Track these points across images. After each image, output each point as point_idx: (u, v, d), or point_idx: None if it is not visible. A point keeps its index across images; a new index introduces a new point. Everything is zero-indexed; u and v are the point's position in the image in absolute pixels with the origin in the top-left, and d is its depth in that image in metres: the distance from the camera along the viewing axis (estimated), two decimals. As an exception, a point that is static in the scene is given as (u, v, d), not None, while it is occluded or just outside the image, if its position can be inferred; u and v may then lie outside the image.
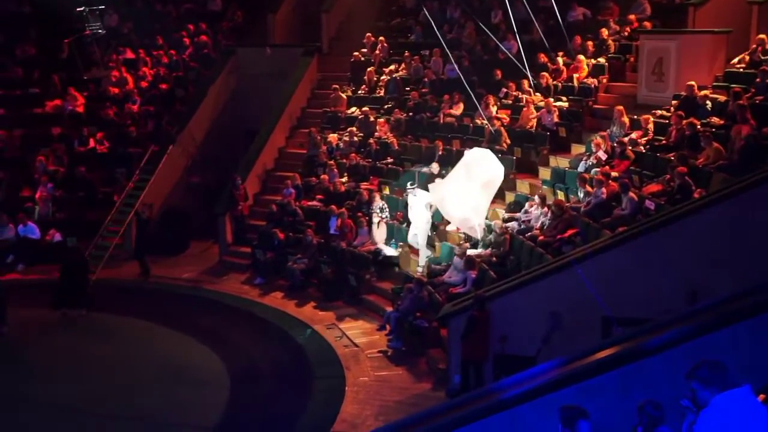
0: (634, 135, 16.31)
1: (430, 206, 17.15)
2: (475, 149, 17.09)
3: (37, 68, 25.12)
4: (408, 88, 22.29)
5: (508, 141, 18.42)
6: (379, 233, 17.93)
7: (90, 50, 25.51)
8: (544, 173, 17.73)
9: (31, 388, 13.83)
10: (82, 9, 23.79)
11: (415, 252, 17.35)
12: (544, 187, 16.97)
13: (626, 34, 19.81)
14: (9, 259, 20.18)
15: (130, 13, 27.04)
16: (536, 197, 15.96)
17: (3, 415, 12.92)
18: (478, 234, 15.93)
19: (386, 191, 19.43)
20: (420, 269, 16.84)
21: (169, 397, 13.54)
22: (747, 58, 16.47)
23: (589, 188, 14.96)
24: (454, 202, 16.07)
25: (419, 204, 17.20)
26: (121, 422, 12.64)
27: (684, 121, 14.99)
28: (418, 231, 17.12)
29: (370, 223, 18.11)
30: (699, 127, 14.78)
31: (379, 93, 22.96)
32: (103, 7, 24.62)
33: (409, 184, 18.36)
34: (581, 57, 19.51)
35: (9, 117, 23.88)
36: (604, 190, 14.40)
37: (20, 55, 25.54)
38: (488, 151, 16.82)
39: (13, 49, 25.60)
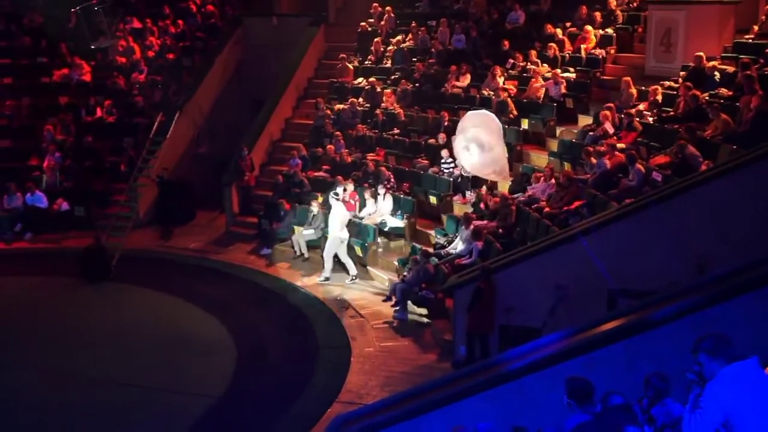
0: (641, 106, 16.23)
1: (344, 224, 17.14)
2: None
3: (44, 37, 25.02)
4: (415, 59, 22.17)
5: (515, 112, 18.37)
6: (385, 205, 17.91)
7: (97, 19, 25.43)
8: (551, 144, 17.68)
9: (38, 356, 13.96)
10: None
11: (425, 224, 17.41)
12: (551, 158, 16.93)
13: (635, 5, 19.66)
14: (17, 227, 20.34)
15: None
16: (543, 168, 15.91)
17: (11, 384, 13.06)
18: (507, 173, 15.91)
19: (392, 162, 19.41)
20: (319, 280, 17.04)
21: (176, 366, 13.62)
22: (756, 28, 16.36)
23: (593, 160, 14.92)
24: (476, 158, 16.10)
25: (337, 214, 17.13)
26: (129, 390, 12.74)
27: (689, 93, 14.90)
28: (329, 241, 17.14)
29: (375, 195, 18.07)
30: (703, 99, 14.71)
31: (385, 63, 22.86)
32: None
33: (332, 193, 18.00)
34: (588, 27, 19.39)
35: (17, 86, 23.86)
36: (607, 160, 14.35)
37: (28, 24, 25.43)
38: (472, 112, 16.86)
39: (20, 18, 25.50)
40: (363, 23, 24.08)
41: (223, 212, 21.30)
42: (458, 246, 15.43)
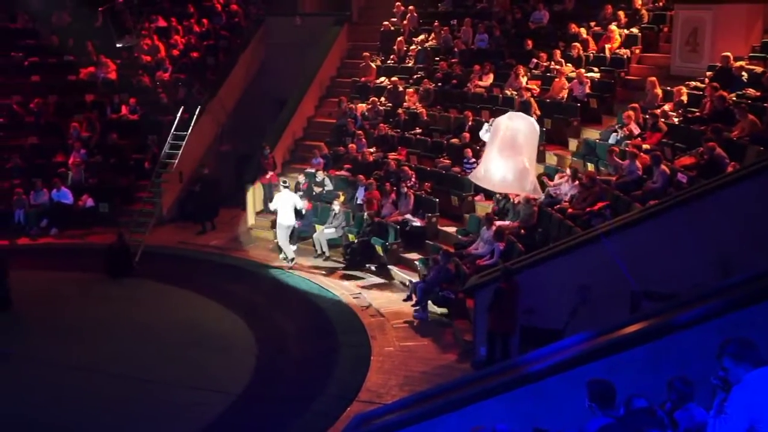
0: (666, 107, 16.09)
1: (295, 208, 18.14)
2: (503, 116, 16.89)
3: (72, 36, 25.22)
4: (438, 58, 22.12)
5: (538, 112, 18.25)
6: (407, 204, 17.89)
7: (123, 18, 25.60)
8: (575, 145, 17.57)
9: (60, 350, 14.03)
10: None
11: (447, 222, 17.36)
12: (574, 159, 16.82)
13: (660, 4, 19.50)
14: (43, 223, 20.58)
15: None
16: (567, 169, 15.79)
17: (33, 377, 13.14)
18: (536, 190, 15.13)
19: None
20: (284, 260, 18.07)
21: (196, 362, 13.65)
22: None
23: (618, 160, 14.79)
24: (498, 170, 15.76)
25: (285, 202, 18.03)
26: (149, 386, 12.76)
27: (715, 94, 14.75)
28: (279, 228, 18.09)
29: (398, 193, 18.07)
30: (730, 100, 14.55)
31: (408, 63, 22.82)
32: None
33: (281, 180, 18.90)
34: (613, 27, 19.25)
35: (44, 84, 24.05)
36: (639, 164, 14.21)
37: (56, 23, 25.65)
38: (514, 113, 16.65)
39: (49, 16, 25.71)
40: (386, 23, 24.05)
41: (245, 210, 21.34)
42: (480, 246, 15.36)
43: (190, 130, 21.83)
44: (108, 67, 24.33)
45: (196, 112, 22.29)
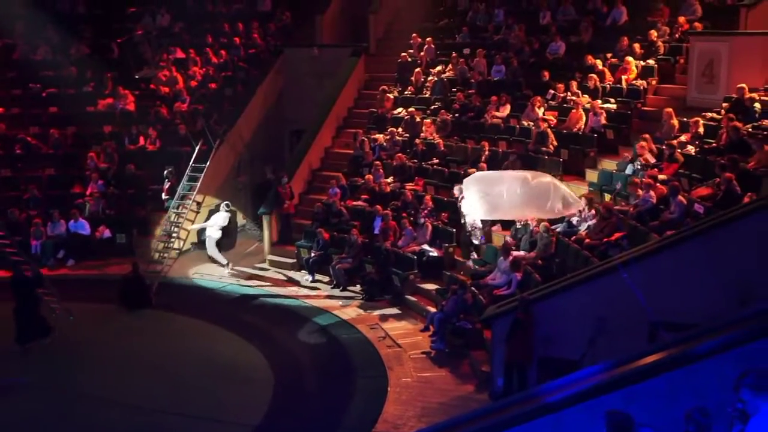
0: (683, 138, 16.10)
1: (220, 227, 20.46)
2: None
3: (90, 67, 25.51)
4: (455, 89, 22.24)
5: (555, 143, 18.30)
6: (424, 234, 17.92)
7: (141, 50, 25.93)
8: (591, 176, 17.58)
9: (76, 381, 14.07)
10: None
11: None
12: (591, 189, 16.82)
13: (676, 36, 19.58)
14: (60, 254, 20.62)
15: (181, 13, 27.36)
16: (582, 200, 15.79)
17: (53, 409, 13.17)
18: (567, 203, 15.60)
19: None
20: (227, 272, 19.98)
21: (213, 394, 13.65)
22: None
23: (640, 192, 14.79)
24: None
25: (217, 221, 20.43)
26: (166, 417, 12.78)
27: (730, 124, 14.77)
28: (209, 240, 20.39)
29: (415, 223, 18.11)
30: (745, 131, 14.55)
31: (425, 94, 22.96)
32: None
33: (225, 203, 20.79)
34: (629, 59, 19.32)
35: (62, 115, 24.23)
36: (652, 194, 14.23)
37: (74, 55, 25.94)
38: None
39: (67, 48, 26.03)
40: (403, 54, 24.26)
41: (262, 240, 21.43)
42: (497, 276, 15.35)
43: (209, 162, 21.95)
44: (126, 99, 24.54)
45: (215, 144, 22.43)
